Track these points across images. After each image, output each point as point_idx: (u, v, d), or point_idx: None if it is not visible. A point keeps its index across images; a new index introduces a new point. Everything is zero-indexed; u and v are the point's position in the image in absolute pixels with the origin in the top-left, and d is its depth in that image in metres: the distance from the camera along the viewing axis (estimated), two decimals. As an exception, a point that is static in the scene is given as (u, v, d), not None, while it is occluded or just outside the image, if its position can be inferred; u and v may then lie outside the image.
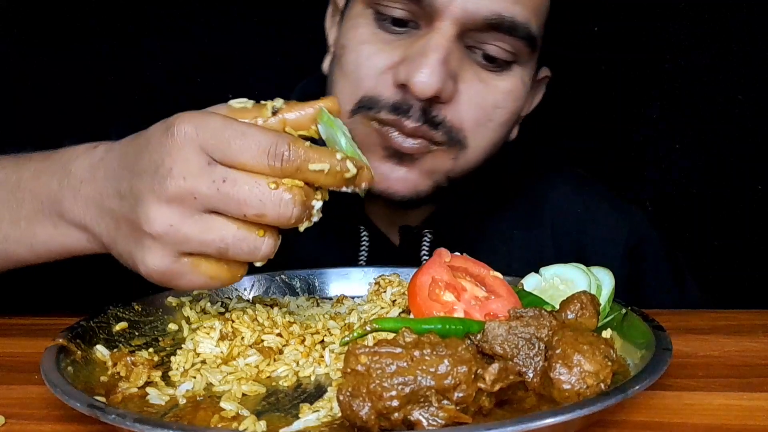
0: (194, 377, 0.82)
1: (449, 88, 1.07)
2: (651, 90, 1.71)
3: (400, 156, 1.11)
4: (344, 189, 0.83)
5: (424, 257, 1.25)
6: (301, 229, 0.82)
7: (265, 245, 0.80)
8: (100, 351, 0.85)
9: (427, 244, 1.26)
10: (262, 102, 0.86)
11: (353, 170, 0.82)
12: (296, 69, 1.31)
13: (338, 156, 0.81)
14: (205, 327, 0.91)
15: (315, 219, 0.82)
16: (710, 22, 1.65)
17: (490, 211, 1.31)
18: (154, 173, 0.78)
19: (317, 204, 0.82)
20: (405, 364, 0.66)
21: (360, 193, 0.86)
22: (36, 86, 1.75)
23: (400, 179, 1.12)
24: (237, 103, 0.86)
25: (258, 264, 0.82)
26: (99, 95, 1.74)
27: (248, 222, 0.79)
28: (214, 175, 0.77)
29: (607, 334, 0.84)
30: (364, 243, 1.26)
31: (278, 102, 0.86)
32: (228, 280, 0.82)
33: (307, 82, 1.32)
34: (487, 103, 1.11)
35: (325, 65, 1.25)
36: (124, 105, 1.74)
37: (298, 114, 0.85)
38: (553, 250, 1.32)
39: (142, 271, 0.81)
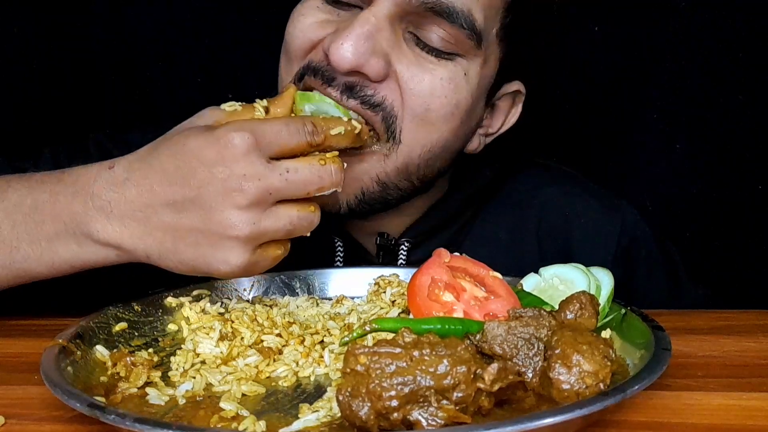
0: (194, 377, 0.82)
1: (374, 64, 1.03)
2: (651, 90, 1.71)
3: None
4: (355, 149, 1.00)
5: (402, 267, 1.22)
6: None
7: (316, 216, 0.94)
8: (100, 351, 0.85)
9: (404, 254, 1.24)
10: (248, 104, 0.96)
11: (359, 126, 0.98)
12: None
13: (343, 118, 0.98)
14: (204, 327, 0.91)
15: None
16: (710, 22, 1.65)
17: (472, 217, 1.29)
18: (224, 182, 0.87)
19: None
20: (404, 364, 0.66)
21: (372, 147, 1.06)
22: (35, 87, 1.75)
23: None
24: (228, 106, 0.95)
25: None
26: (98, 95, 1.74)
27: (303, 202, 0.92)
28: (280, 169, 0.89)
29: (606, 334, 0.84)
30: (339, 254, 1.25)
31: (263, 101, 0.97)
32: (283, 256, 0.95)
33: None
34: (424, 89, 1.06)
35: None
36: (123, 106, 1.74)
37: (283, 106, 0.98)
38: (538, 252, 1.29)
39: (222, 271, 0.91)
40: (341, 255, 1.24)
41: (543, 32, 1.18)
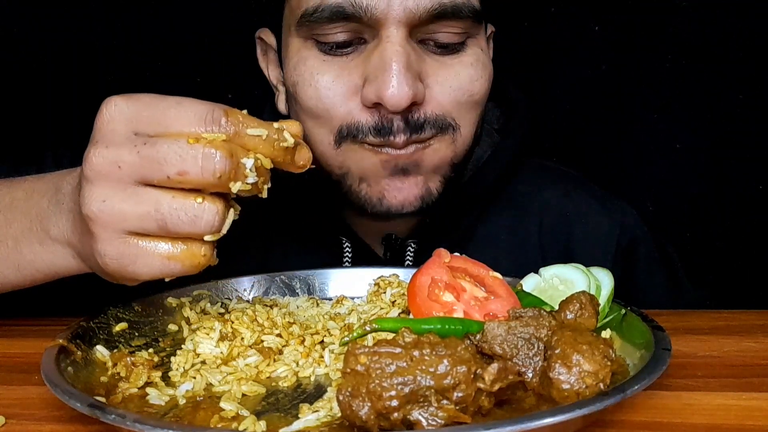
0: (194, 377, 0.82)
1: (420, 89, 1.05)
2: (651, 90, 1.71)
3: (403, 170, 1.10)
4: (284, 166, 0.83)
5: (408, 267, 1.22)
6: (234, 190, 0.78)
7: (206, 212, 0.76)
8: (100, 351, 0.85)
9: (411, 255, 1.25)
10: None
11: (290, 141, 0.81)
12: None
13: (275, 125, 0.81)
14: (204, 327, 0.91)
15: (250, 180, 0.78)
16: (710, 21, 1.65)
17: (477, 218, 1.29)
18: (85, 156, 0.78)
19: (248, 162, 0.78)
20: (404, 364, 0.66)
21: (295, 170, 0.85)
22: (34, 87, 1.75)
23: (412, 186, 1.11)
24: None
25: (209, 239, 0.79)
26: (97, 95, 1.74)
27: (184, 190, 0.77)
28: (136, 141, 0.76)
29: (606, 334, 0.84)
30: (347, 254, 1.25)
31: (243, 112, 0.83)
32: (188, 260, 0.78)
33: (269, 106, 1.30)
34: (463, 81, 1.09)
35: (281, 105, 1.23)
36: None
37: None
38: (540, 253, 1.30)
39: (101, 264, 0.80)
40: (349, 255, 1.24)
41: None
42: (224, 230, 0.79)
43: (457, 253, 0.96)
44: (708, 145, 1.69)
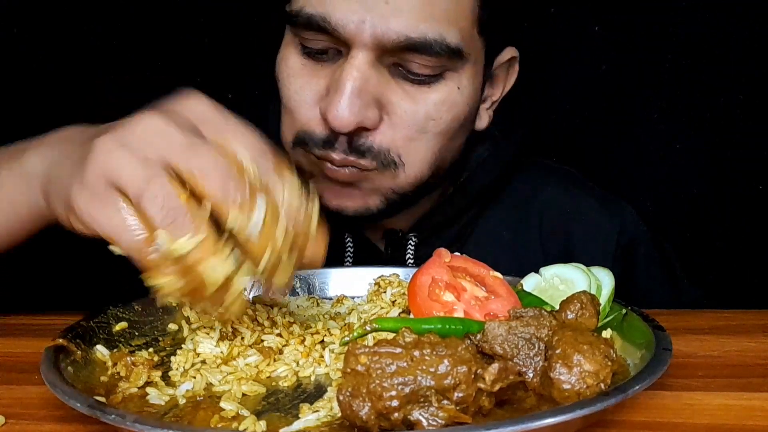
0: (194, 377, 0.82)
1: (371, 116, 1.05)
2: (651, 90, 1.71)
3: (339, 183, 1.11)
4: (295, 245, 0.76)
5: (410, 261, 1.25)
6: (230, 219, 0.71)
7: (182, 215, 0.70)
8: (100, 351, 0.85)
9: (412, 249, 1.25)
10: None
11: (314, 222, 0.77)
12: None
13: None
14: (205, 327, 0.91)
15: (252, 225, 0.72)
16: (710, 21, 1.65)
17: (477, 213, 1.30)
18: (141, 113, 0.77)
19: (260, 208, 0.72)
20: (405, 364, 0.66)
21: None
22: (35, 82, 1.75)
23: (347, 198, 1.13)
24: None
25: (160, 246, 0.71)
26: (96, 95, 1.74)
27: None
28: (193, 132, 0.75)
29: (607, 334, 0.84)
30: (348, 249, 1.26)
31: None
32: (127, 241, 0.72)
33: (275, 104, 1.29)
34: (419, 119, 1.08)
35: None
36: (122, 106, 1.74)
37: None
38: (541, 251, 1.31)
39: (72, 193, 0.74)
40: (351, 251, 1.25)
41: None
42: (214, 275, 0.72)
43: (457, 253, 0.96)
44: (708, 145, 1.69)
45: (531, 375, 0.74)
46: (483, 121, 1.22)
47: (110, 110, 1.32)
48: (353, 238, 1.26)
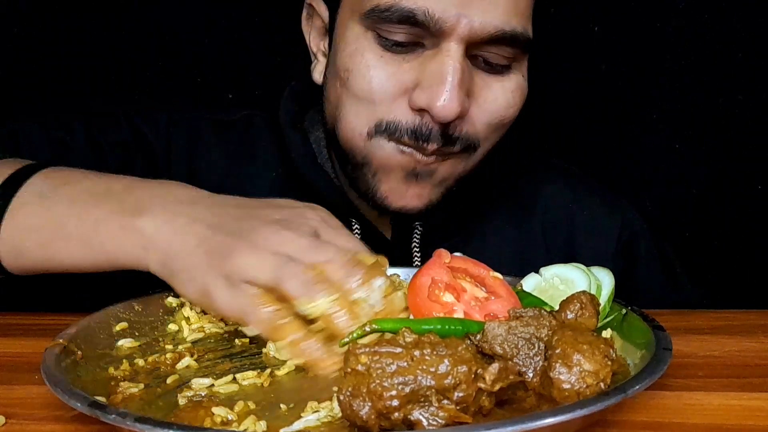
0: (195, 377, 0.82)
1: (467, 106, 1.09)
2: (651, 90, 1.71)
3: (417, 175, 1.13)
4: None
5: (415, 249, 1.26)
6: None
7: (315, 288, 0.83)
8: (101, 351, 0.85)
9: (418, 237, 1.26)
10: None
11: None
12: (295, 68, 1.31)
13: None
14: (205, 327, 0.92)
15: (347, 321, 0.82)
16: (710, 21, 1.65)
17: (481, 207, 1.32)
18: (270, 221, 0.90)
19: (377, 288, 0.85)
20: (405, 363, 0.66)
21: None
22: (35, 82, 1.75)
23: (415, 195, 1.15)
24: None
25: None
26: (96, 95, 1.74)
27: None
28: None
29: (607, 334, 0.84)
30: (356, 236, 1.26)
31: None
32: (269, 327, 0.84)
33: (295, 83, 1.32)
34: (500, 106, 1.12)
35: (317, 75, 1.25)
36: (121, 106, 1.74)
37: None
38: (544, 246, 1.33)
39: (190, 275, 0.87)
40: (358, 237, 1.25)
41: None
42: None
43: (457, 253, 0.96)
44: (708, 145, 1.69)
45: (531, 375, 0.74)
46: None
47: (111, 110, 1.33)
48: (360, 226, 1.27)
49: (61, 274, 0.99)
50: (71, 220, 0.95)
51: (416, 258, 1.25)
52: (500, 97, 1.12)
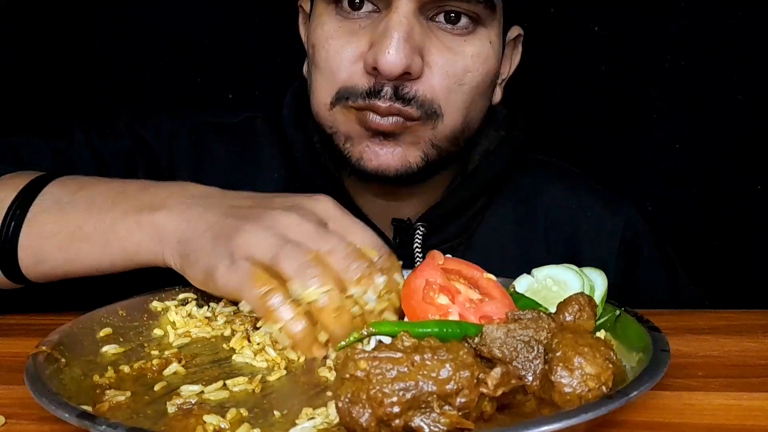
0: (184, 383, 0.80)
1: (417, 63, 1.09)
2: (651, 89, 1.72)
3: (383, 135, 1.13)
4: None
5: (417, 250, 1.26)
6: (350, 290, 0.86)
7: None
8: (85, 358, 0.83)
9: (420, 238, 1.26)
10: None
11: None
12: (295, 69, 1.31)
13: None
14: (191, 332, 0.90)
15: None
16: (710, 22, 1.66)
17: (483, 207, 1.31)
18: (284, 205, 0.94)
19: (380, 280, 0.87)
20: (405, 369, 0.64)
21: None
22: (36, 81, 1.74)
23: (389, 154, 1.15)
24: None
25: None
26: (96, 94, 1.74)
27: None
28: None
29: (600, 335, 0.83)
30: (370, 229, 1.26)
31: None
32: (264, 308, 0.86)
33: (298, 83, 1.32)
34: (457, 69, 1.12)
35: (305, 69, 1.26)
36: (121, 105, 1.74)
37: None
38: (546, 247, 1.33)
39: (207, 256, 0.91)
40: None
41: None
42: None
43: (448, 255, 0.95)
44: (708, 145, 1.70)
45: (531, 378, 0.73)
46: (497, 95, 1.26)
47: (112, 118, 1.33)
48: None
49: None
50: (89, 221, 0.99)
51: (418, 259, 1.24)
52: (459, 60, 1.12)
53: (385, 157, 1.14)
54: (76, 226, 1.00)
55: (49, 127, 1.28)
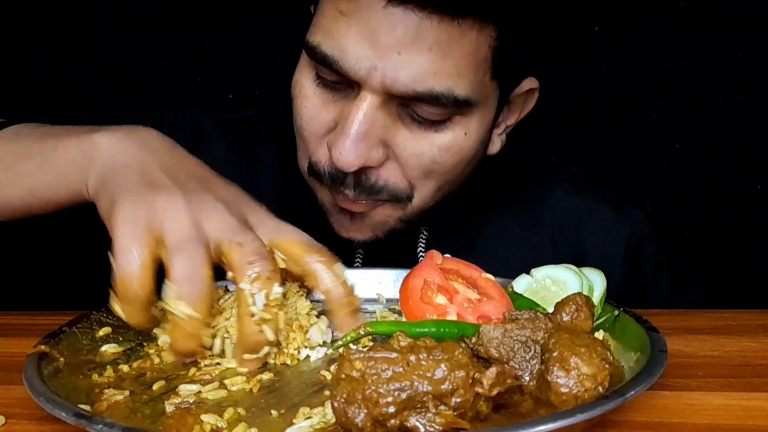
0: (182, 383, 0.80)
1: (374, 156, 1.06)
2: (650, 90, 1.71)
3: (351, 213, 1.13)
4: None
5: (420, 254, 1.25)
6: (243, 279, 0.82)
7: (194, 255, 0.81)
8: (84, 357, 0.83)
9: (423, 242, 1.26)
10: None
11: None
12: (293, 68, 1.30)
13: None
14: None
15: (258, 304, 0.81)
16: (710, 22, 1.66)
17: (487, 210, 1.31)
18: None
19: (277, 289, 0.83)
20: (401, 369, 0.64)
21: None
22: (38, 82, 1.74)
23: (357, 230, 1.15)
24: None
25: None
26: (96, 94, 1.74)
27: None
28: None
29: (599, 335, 0.84)
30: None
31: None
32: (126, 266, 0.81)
33: None
34: (424, 161, 1.08)
35: None
36: (121, 106, 1.74)
37: None
38: (551, 250, 1.32)
39: (107, 201, 0.85)
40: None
41: (538, 36, 1.16)
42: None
43: (447, 255, 0.95)
44: (708, 145, 1.70)
45: (527, 378, 0.73)
46: (495, 146, 1.22)
47: (112, 109, 1.33)
48: None
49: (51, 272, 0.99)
50: (37, 143, 0.99)
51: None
52: (426, 151, 1.08)
53: (354, 231, 1.15)
54: (24, 149, 0.99)
55: (55, 115, 1.28)
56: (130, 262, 0.79)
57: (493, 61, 1.06)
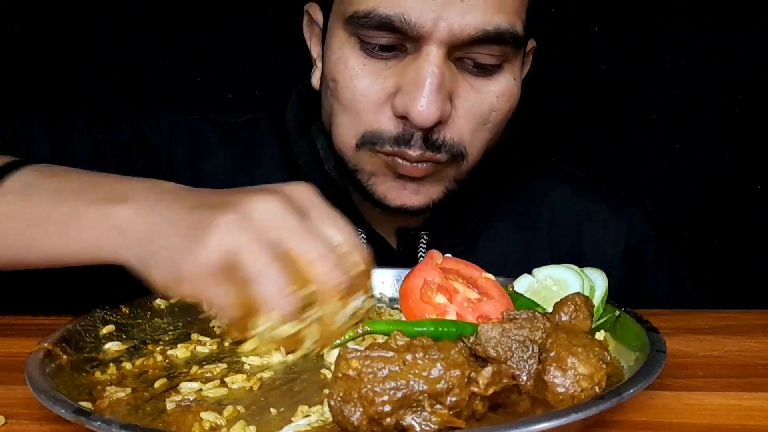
0: (183, 381, 0.80)
1: (447, 110, 1.07)
2: (650, 90, 1.71)
3: (409, 178, 1.13)
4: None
5: (421, 259, 1.24)
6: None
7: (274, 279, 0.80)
8: (87, 355, 0.84)
9: (424, 246, 1.26)
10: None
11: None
12: (295, 69, 1.31)
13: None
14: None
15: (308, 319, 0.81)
16: (710, 22, 1.65)
17: (487, 212, 1.31)
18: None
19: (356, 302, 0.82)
20: (397, 368, 0.65)
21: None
22: (38, 82, 1.75)
23: (412, 194, 1.14)
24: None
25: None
26: (96, 94, 1.75)
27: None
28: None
29: (600, 335, 0.84)
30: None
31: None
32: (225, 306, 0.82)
33: (302, 86, 1.31)
34: (483, 110, 1.10)
35: (315, 81, 1.24)
36: (121, 106, 1.75)
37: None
38: (550, 251, 1.32)
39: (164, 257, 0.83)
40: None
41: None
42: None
43: (448, 254, 0.95)
44: (708, 145, 1.69)
45: (525, 378, 0.73)
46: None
47: (114, 110, 1.33)
48: (366, 236, 1.26)
49: (51, 273, 0.98)
50: (52, 208, 0.93)
51: None
52: (485, 100, 1.10)
53: (408, 197, 1.14)
54: (39, 212, 0.93)
55: (52, 115, 1.28)
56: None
57: (528, 4, 1.10)
